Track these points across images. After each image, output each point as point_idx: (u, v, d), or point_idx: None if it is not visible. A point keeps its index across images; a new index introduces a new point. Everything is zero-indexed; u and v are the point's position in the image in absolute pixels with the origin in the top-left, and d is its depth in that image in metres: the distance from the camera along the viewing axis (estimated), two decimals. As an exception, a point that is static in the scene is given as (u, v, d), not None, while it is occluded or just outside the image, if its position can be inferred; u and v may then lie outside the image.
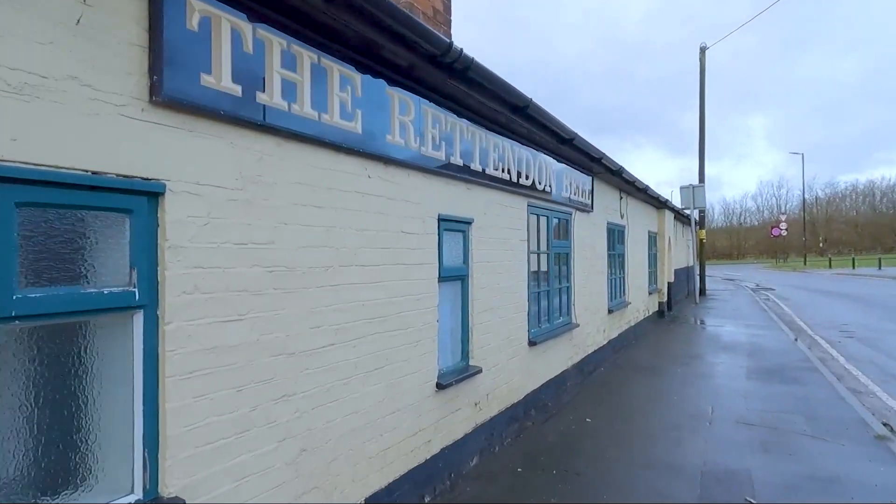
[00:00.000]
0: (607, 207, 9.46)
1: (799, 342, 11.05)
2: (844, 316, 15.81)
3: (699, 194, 17.98)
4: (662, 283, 14.96)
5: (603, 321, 9.05)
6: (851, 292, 23.86)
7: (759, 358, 9.48)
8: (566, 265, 7.37)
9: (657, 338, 11.73)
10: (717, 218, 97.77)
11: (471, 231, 4.77)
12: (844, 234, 79.82)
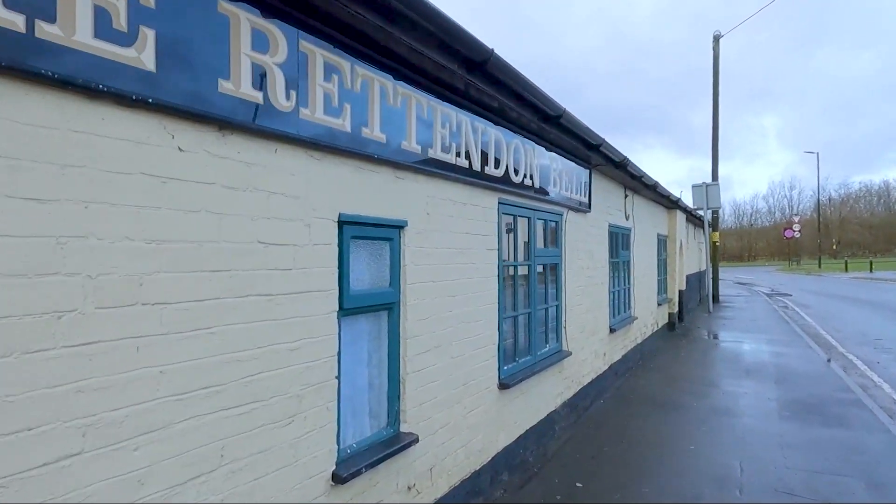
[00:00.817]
0: (609, 207, 7.98)
1: (832, 364, 9.51)
2: (875, 328, 14.22)
3: (713, 193, 16.42)
4: (673, 291, 13.44)
5: (603, 343, 7.57)
6: (875, 299, 22.19)
7: (790, 386, 7.96)
8: (555, 278, 5.90)
9: (667, 358, 10.22)
10: (728, 219, 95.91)
11: (403, 239, 3.33)
12: (859, 236, 77.72)
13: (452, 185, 3.83)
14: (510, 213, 4.79)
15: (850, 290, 27.31)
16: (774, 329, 13.70)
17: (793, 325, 14.43)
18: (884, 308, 18.98)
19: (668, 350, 10.94)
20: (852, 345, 11.87)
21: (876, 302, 21.11)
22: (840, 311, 18.61)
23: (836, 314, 17.58)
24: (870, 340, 12.37)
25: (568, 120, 4.91)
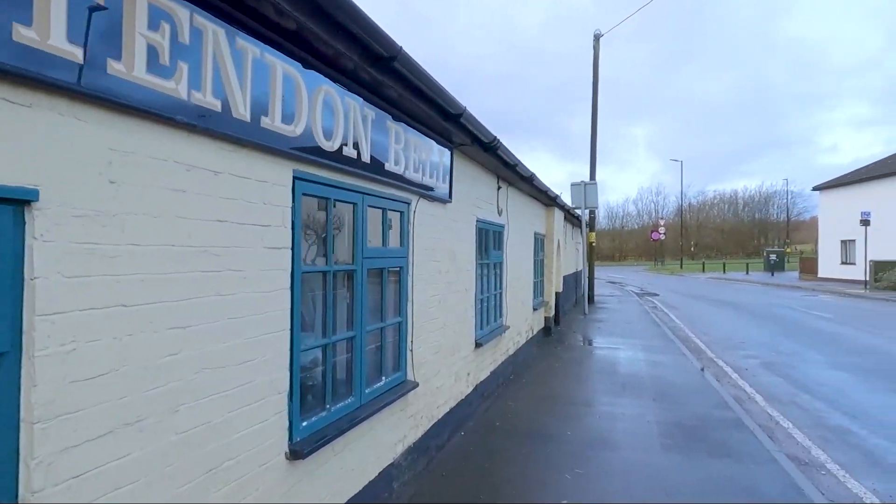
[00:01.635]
0: (478, 199, 6.74)
1: (706, 373, 9.04)
2: (738, 330, 14.49)
3: (591, 192, 16.06)
4: (550, 294, 12.69)
5: (467, 362, 6.31)
6: (733, 300, 23.46)
7: (669, 403, 7.22)
8: (399, 287, 4.48)
9: (542, 370, 9.27)
10: (602, 220, 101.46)
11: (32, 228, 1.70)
12: (713, 240, 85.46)
13: (182, 137, 2.24)
14: (319, 196, 3.28)
15: (709, 291, 28.99)
16: (647, 333, 13.43)
17: (664, 328, 14.33)
18: (742, 310, 19.89)
19: (542, 360, 10.02)
20: (720, 349, 11.75)
21: (734, 303, 22.23)
22: (705, 312, 19.20)
23: (701, 316, 18.03)
24: (735, 344, 12.38)
25: (408, 67, 3.48)
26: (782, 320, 16.58)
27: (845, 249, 33.94)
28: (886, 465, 5.41)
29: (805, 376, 9.17)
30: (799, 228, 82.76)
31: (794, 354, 11.10)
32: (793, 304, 21.69)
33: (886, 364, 10.14)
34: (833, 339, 12.94)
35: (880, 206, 29.31)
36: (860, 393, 8.17)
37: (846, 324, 15.66)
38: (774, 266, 45.57)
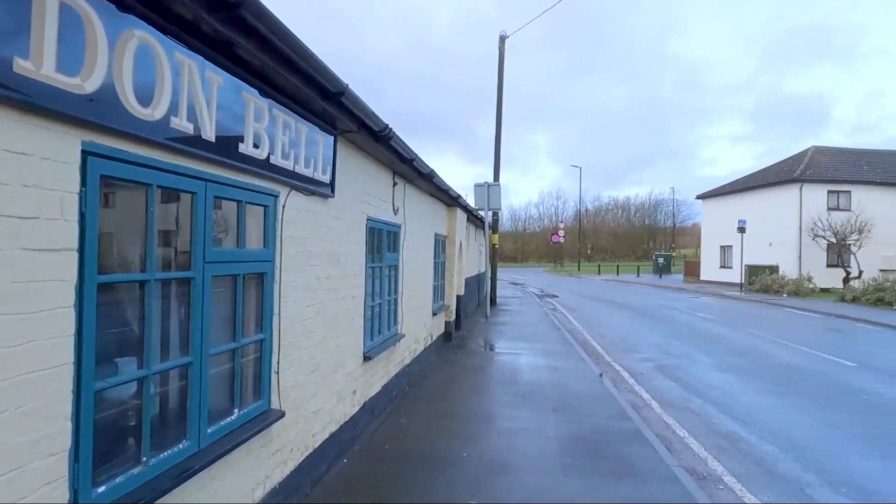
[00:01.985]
0: (369, 196, 6.04)
1: (605, 379, 8.92)
2: (632, 332, 14.83)
3: (494, 194, 15.83)
4: (451, 297, 12.22)
5: (352, 379, 5.59)
6: (627, 301, 24.39)
7: (570, 414, 6.90)
8: (260, 298, 3.69)
9: (440, 380, 8.72)
10: (506, 223, 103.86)
11: None
12: (607, 243, 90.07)
13: None
14: (132, 180, 2.45)
15: (605, 292, 30.10)
16: (548, 336, 13.35)
17: (563, 330, 14.35)
18: (635, 311, 20.62)
19: (441, 368, 9.48)
20: (616, 352, 11.85)
21: (628, 304, 23.09)
22: (601, 314, 19.69)
23: (598, 318, 18.43)
24: (630, 347, 12.56)
25: (265, 21, 2.73)
26: (671, 322, 17.28)
27: (724, 254, 36.67)
28: (779, 476, 5.35)
29: (696, 379, 9.32)
30: (684, 234, 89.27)
31: (685, 357, 11.38)
32: (679, 305, 22.88)
33: (764, 365, 10.61)
34: (717, 340, 13.52)
35: (752, 215, 31.86)
36: (746, 395, 8.35)
37: (727, 325, 16.57)
38: (662, 269, 48.54)
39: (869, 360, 11.02)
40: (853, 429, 6.72)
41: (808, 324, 17.21)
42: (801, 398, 8.16)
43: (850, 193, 30.69)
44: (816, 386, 8.91)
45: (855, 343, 13.51)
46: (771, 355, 11.64)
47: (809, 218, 29.55)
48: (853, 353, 11.74)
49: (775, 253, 31.38)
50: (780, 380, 9.35)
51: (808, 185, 30.48)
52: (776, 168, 35.30)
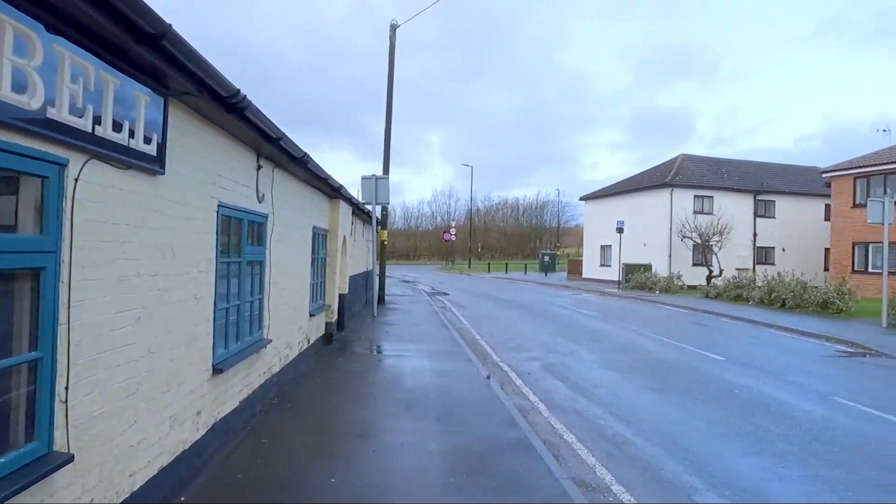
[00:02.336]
0: (223, 177, 5.08)
1: (492, 382, 8.54)
2: (520, 330, 14.77)
3: (383, 187, 15.09)
4: (333, 296, 11.32)
5: (195, 397, 4.62)
6: (515, 299, 24.70)
7: (455, 423, 6.36)
8: (38, 302, 2.70)
9: (315, 390, 7.85)
10: (399, 220, 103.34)
11: None
12: (497, 242, 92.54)
13: None
14: None
15: (494, 290, 30.41)
16: (436, 336, 12.86)
17: (452, 330, 13.95)
18: (523, 309, 20.82)
19: (319, 375, 8.60)
20: (504, 351, 11.60)
21: (516, 302, 23.34)
22: (490, 311, 19.63)
23: (487, 315, 18.32)
24: (518, 345, 12.40)
25: None
26: (557, 319, 17.55)
27: (603, 253, 38.64)
28: (666, 482, 5.14)
29: (581, 378, 9.21)
30: (567, 233, 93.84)
31: (570, 354, 11.37)
32: (564, 302, 23.53)
33: (644, 361, 10.84)
34: (600, 337, 13.78)
35: (629, 216, 33.78)
36: (629, 393, 8.33)
37: (608, 321, 17.10)
38: (548, 267, 50.40)
39: (734, 354, 11.64)
40: (730, 426, 6.80)
41: (679, 319, 18.24)
42: (679, 395, 8.27)
43: (712, 198, 33.45)
44: (692, 382, 9.14)
45: (720, 337, 14.36)
46: (649, 351, 11.97)
47: (678, 220, 31.83)
48: (720, 348, 12.40)
49: (649, 252, 33.49)
50: (659, 376, 9.51)
51: (677, 190, 32.82)
52: (650, 173, 37.77)
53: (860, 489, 4.97)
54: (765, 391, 8.52)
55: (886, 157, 26.41)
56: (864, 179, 27.06)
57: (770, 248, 34.66)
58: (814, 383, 9.18)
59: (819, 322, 16.80)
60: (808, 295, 19.60)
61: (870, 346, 12.81)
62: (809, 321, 16.92)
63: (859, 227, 26.67)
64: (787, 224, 34.85)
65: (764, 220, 34.54)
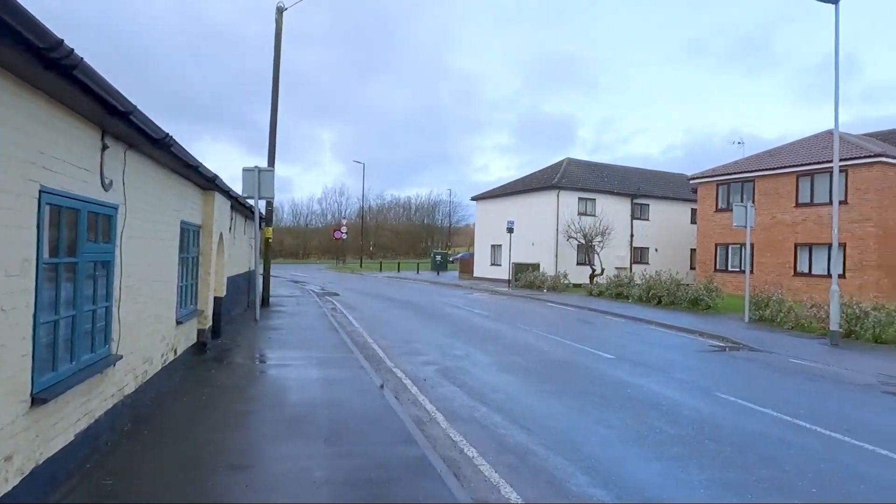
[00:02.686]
0: (45, 156, 4.02)
1: (386, 391, 7.92)
2: (413, 332, 14.27)
3: (267, 180, 13.90)
4: (207, 300, 10.10)
5: (1, 442, 3.56)
6: (408, 299, 24.21)
7: (346, 443, 5.67)
8: None
9: (179, 412, 6.77)
10: (287, 217, 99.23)
11: None
12: (389, 240, 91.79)
13: None
14: None
15: (386, 290, 29.75)
16: (325, 341, 11.99)
17: (342, 334, 13.13)
18: (415, 309, 20.38)
19: (187, 392, 7.49)
20: (398, 355, 11.03)
21: (408, 302, 22.85)
22: (382, 313, 18.97)
23: (379, 317, 17.64)
24: (412, 349, 11.88)
25: None
26: (451, 319, 17.28)
27: (494, 252, 39.35)
28: (573, 496, 4.82)
29: (479, 383, 8.87)
30: (459, 233, 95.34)
31: (466, 357, 11.04)
32: (456, 301, 23.43)
33: (539, 362, 10.77)
34: (494, 337, 13.65)
35: (519, 217, 34.65)
36: (528, 397, 8.10)
37: (501, 321, 17.12)
38: (440, 266, 50.57)
39: (622, 352, 11.95)
40: (628, 429, 6.72)
41: (569, 317, 18.73)
42: (576, 397, 8.16)
43: (595, 201, 35.17)
44: (587, 382, 9.12)
45: (608, 335, 14.82)
46: (544, 351, 11.97)
47: (565, 221, 33.13)
48: (610, 346, 12.71)
49: (537, 252, 34.53)
50: (555, 377, 9.42)
51: (563, 192, 34.11)
52: (538, 175, 39.02)
53: (757, 491, 4.98)
54: (655, 389, 8.67)
55: (743, 166, 29.17)
56: (725, 186, 29.69)
57: (645, 249, 37.13)
58: (696, 379, 9.54)
59: (692, 318, 17.97)
60: (681, 292, 21.00)
61: (737, 340, 13.79)
62: (683, 317, 18.06)
63: (720, 229, 29.29)
64: (660, 226, 37.56)
65: (640, 222, 36.93)
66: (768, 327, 16.06)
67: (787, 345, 13.27)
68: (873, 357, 11.88)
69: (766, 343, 13.43)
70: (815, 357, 11.80)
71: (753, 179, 27.99)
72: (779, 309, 16.60)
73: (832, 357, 11.81)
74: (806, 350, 12.65)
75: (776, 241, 26.37)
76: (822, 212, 24.86)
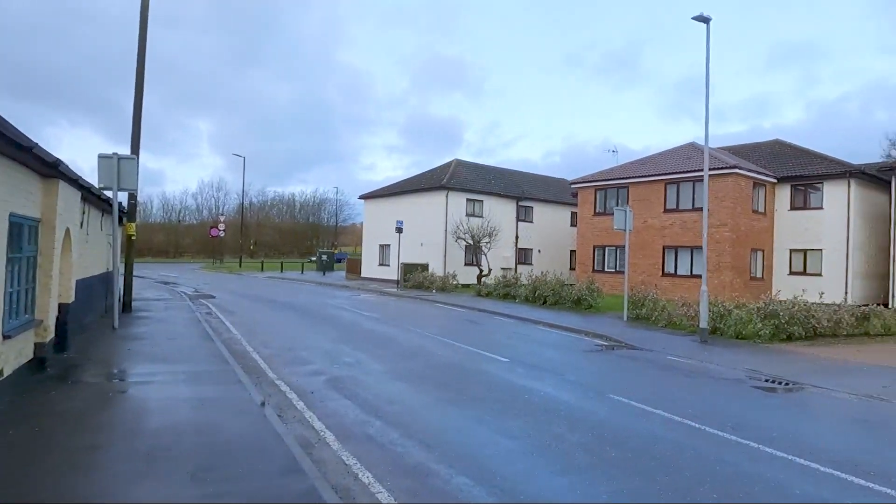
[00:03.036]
0: None
1: (268, 410, 7.06)
2: (299, 338, 13.29)
3: (129, 169, 12.22)
4: (48, 308, 8.52)
5: None
6: (292, 301, 22.87)
7: (217, 482, 4.80)
8: None
9: (5, 452, 5.47)
10: (157, 213, 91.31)
11: None
12: (272, 238, 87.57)
13: None
14: None
15: (269, 291, 28.01)
16: (197, 352, 10.70)
17: (217, 342, 11.85)
18: (301, 312, 19.23)
19: (16, 423, 6.09)
20: (283, 365, 10.10)
21: (293, 304, 21.57)
22: (264, 317, 17.65)
23: (261, 322, 16.35)
24: (298, 357, 10.98)
25: None
26: (339, 322, 16.44)
27: (382, 252, 38.69)
28: (482, 524, 4.42)
29: (373, 394, 8.26)
30: (345, 232, 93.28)
31: (357, 365, 10.37)
32: (344, 303, 22.52)
33: (434, 367, 10.37)
34: (386, 342, 13.07)
35: (408, 216, 34.33)
36: (425, 409, 7.64)
37: (391, 323, 16.57)
38: (326, 266, 48.95)
39: (516, 355, 11.90)
40: (530, 438, 6.47)
41: (460, 319, 18.61)
42: (475, 405, 7.83)
43: (482, 202, 35.74)
44: (484, 388, 8.85)
45: (501, 337, 14.81)
46: (437, 355, 11.59)
47: (453, 221, 33.31)
48: (503, 348, 12.63)
49: (426, 252, 34.40)
50: (451, 384, 9.05)
51: (452, 193, 34.29)
52: (427, 176, 38.96)
53: (665, 499, 4.87)
54: (551, 394, 8.59)
55: (619, 173, 31.07)
56: (602, 191, 31.41)
57: (529, 250, 38.42)
58: (589, 381, 9.64)
59: (576, 317, 18.60)
60: (566, 293, 21.74)
61: (619, 338, 14.39)
62: (569, 317, 18.64)
63: (598, 232, 30.97)
64: (543, 228, 39.07)
65: (524, 224, 38.14)
66: (644, 325, 16.99)
67: (664, 342, 14.04)
68: (737, 352, 12.87)
69: (644, 341, 14.11)
70: (688, 354, 12.53)
71: (627, 186, 29.86)
72: (653, 308, 17.64)
73: (704, 353, 12.61)
74: (680, 347, 13.44)
75: (647, 244, 28.31)
76: (687, 217, 27.12)
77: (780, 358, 12.32)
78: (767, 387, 9.70)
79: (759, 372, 10.73)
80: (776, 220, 27.78)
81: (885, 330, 15.90)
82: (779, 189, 27.73)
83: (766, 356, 12.49)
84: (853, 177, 25.37)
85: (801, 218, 27.02)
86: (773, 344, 13.95)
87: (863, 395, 9.09)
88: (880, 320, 16.03)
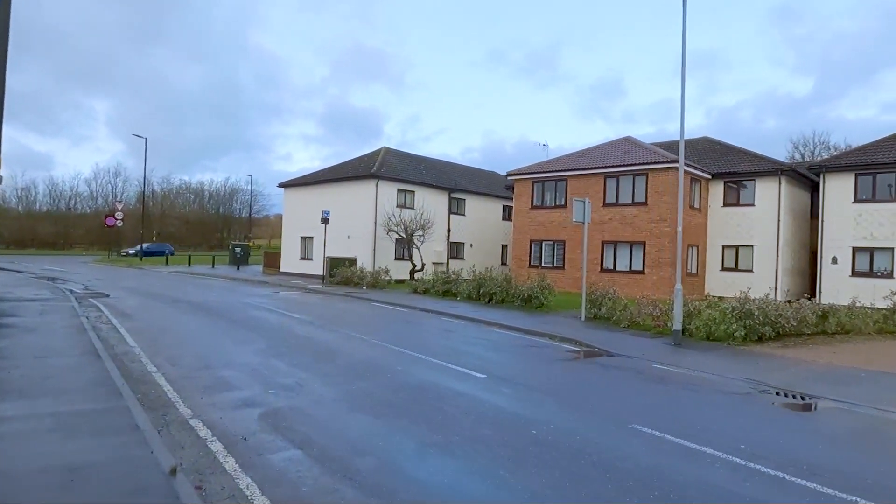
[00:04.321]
0: None
1: (180, 482, 4.70)
2: (218, 350, 10.66)
3: (-22, 132, 9.11)
4: None
5: None
6: (204, 300, 19.72)
7: None
8: None
9: None
10: (42, 199, 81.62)
11: None
12: (177, 230, 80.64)
13: None
14: None
15: (175, 289, 24.42)
16: (76, 378, 7.90)
17: (107, 361, 9.03)
18: (216, 314, 16.32)
19: None
20: (198, 393, 7.61)
21: (206, 305, 18.48)
22: (171, 321, 14.63)
23: (167, 329, 13.38)
24: (217, 378, 8.48)
25: None
26: (265, 328, 13.82)
27: (305, 245, 35.67)
28: None
29: (331, 437, 6.04)
30: (260, 224, 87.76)
31: (300, 389, 8.06)
32: (267, 303, 19.73)
33: (400, 389, 8.24)
34: (329, 353, 10.76)
35: (334, 207, 31.66)
36: (413, 462, 5.51)
37: (328, 327, 14.18)
38: (240, 260, 44.84)
39: (489, 368, 10.00)
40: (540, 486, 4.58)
41: (404, 320, 16.49)
42: (477, 453, 5.80)
43: (414, 193, 33.65)
44: (476, 422, 6.84)
45: (461, 344, 12.85)
46: (395, 371, 9.46)
47: (384, 213, 31.01)
48: (471, 360, 10.67)
49: (354, 245, 31.88)
50: (431, 416, 6.96)
51: (382, 182, 31.93)
52: (355, 163, 36.31)
53: None
54: (562, 427, 6.73)
55: (557, 165, 30.01)
56: (540, 184, 30.27)
57: (461, 244, 36.81)
58: (595, 405, 7.92)
59: (530, 318, 17.00)
60: (514, 290, 20.18)
61: (590, 343, 12.89)
62: (522, 317, 17.03)
63: (536, 226, 29.81)
64: (475, 221, 37.59)
65: (456, 216, 36.45)
66: (605, 326, 15.69)
67: (636, 346, 12.71)
68: (719, 357, 11.72)
69: (615, 345, 12.72)
70: (672, 360, 11.22)
71: (566, 178, 28.86)
72: (614, 307, 16.42)
73: (687, 359, 11.35)
74: (655, 351, 12.15)
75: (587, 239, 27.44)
76: (627, 212, 26.47)
77: (766, 363, 11.28)
78: (790, 403, 8.44)
79: (762, 382, 9.51)
80: (709, 217, 27.82)
81: (841, 328, 15.56)
82: (712, 185, 27.76)
83: (750, 361, 11.43)
84: (784, 174, 25.71)
85: (733, 214, 27.16)
86: (746, 346, 13.01)
87: (889, 409, 8.01)
88: (836, 318, 15.67)
